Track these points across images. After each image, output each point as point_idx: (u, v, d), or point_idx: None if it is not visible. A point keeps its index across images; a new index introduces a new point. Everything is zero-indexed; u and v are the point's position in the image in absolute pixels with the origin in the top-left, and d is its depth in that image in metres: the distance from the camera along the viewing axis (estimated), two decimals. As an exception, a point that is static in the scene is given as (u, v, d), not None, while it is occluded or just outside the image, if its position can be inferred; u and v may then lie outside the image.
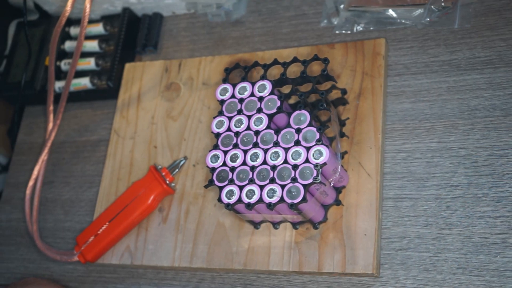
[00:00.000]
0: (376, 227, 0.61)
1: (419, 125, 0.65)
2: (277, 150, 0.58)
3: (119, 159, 0.75)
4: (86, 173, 0.79)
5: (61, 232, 0.77)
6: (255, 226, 0.65)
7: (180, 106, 0.75)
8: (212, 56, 0.76)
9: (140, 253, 0.69)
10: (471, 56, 0.65)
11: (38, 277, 0.75)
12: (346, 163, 0.64)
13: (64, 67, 0.83)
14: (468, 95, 0.64)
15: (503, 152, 0.61)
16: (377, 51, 0.68)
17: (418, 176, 0.63)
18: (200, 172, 0.71)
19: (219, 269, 0.66)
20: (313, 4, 0.76)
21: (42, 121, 0.86)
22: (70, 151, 0.81)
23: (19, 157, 0.85)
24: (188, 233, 0.68)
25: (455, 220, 0.60)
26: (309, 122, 0.58)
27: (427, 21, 0.68)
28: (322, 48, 0.70)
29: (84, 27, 0.66)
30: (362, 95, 0.67)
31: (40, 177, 0.75)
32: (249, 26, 0.79)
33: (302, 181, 0.56)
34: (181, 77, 0.77)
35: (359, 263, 0.60)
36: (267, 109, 0.61)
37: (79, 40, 0.68)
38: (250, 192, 0.58)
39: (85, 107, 0.84)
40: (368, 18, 0.71)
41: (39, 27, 0.87)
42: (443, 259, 0.59)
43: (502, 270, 0.57)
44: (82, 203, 0.77)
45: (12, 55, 0.87)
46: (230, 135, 0.61)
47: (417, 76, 0.67)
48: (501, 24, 0.66)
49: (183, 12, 0.84)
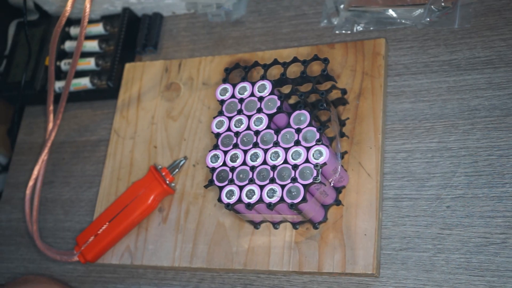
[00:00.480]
0: (376, 227, 0.61)
1: (419, 125, 0.65)
2: (277, 150, 0.58)
3: (119, 159, 0.75)
4: (86, 173, 0.79)
5: (61, 232, 0.77)
6: (255, 226, 0.65)
7: (180, 106, 0.75)
8: (212, 56, 0.76)
9: (140, 253, 0.69)
10: (471, 56, 0.65)
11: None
12: (346, 163, 0.64)
13: (64, 67, 0.83)
14: (468, 95, 0.64)
15: (503, 152, 0.61)
16: (377, 51, 0.68)
17: (418, 176, 0.63)
18: (200, 172, 0.71)
19: (219, 269, 0.66)
20: (313, 4, 0.76)
21: (42, 121, 0.86)
22: (70, 151, 0.81)
23: (19, 157, 0.85)
24: (188, 233, 0.68)
25: (455, 220, 0.60)
26: (309, 122, 0.58)
27: (427, 21, 0.68)
28: (322, 48, 0.70)
29: (84, 27, 0.66)
30: (362, 95, 0.67)
31: (40, 177, 0.75)
32: (249, 26, 0.79)
33: (302, 181, 0.56)
34: (181, 77, 0.77)
35: (359, 263, 0.60)
36: (267, 109, 0.61)
37: (79, 40, 0.68)
38: (250, 192, 0.58)
39: (85, 107, 0.84)
40: (368, 18, 0.71)
41: (39, 27, 0.87)
42: (443, 259, 0.59)
43: (502, 270, 0.57)
44: (82, 203, 0.77)
45: (12, 55, 0.87)
46: (230, 135, 0.61)
47: (417, 76, 0.67)
48: (501, 24, 0.66)
49: (183, 12, 0.84)
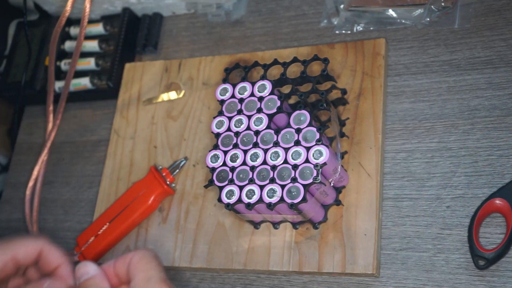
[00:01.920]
0: (376, 227, 0.61)
1: (419, 125, 0.65)
2: (277, 150, 0.58)
3: (119, 159, 0.75)
4: (86, 173, 0.79)
5: (61, 232, 0.77)
6: (255, 226, 0.65)
7: (180, 106, 0.75)
8: (212, 56, 0.76)
9: (140, 253, 0.69)
10: (471, 56, 0.65)
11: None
12: (346, 163, 0.64)
13: (64, 67, 0.83)
14: (468, 95, 0.64)
15: (503, 152, 0.61)
16: (377, 51, 0.68)
17: (418, 176, 0.63)
18: (200, 172, 0.71)
19: (219, 269, 0.66)
20: (313, 4, 0.76)
21: (42, 121, 0.86)
22: (70, 151, 0.81)
23: (19, 157, 0.85)
24: (188, 233, 0.68)
25: (455, 220, 0.60)
26: (309, 122, 0.58)
27: (427, 21, 0.68)
28: (322, 48, 0.70)
29: (84, 27, 0.66)
30: (362, 95, 0.67)
31: (40, 177, 0.75)
32: (249, 26, 0.79)
33: (302, 181, 0.56)
34: (181, 77, 0.77)
35: (359, 263, 0.60)
36: (267, 109, 0.61)
37: (79, 40, 0.68)
38: (250, 192, 0.58)
39: (85, 107, 0.84)
40: (368, 18, 0.71)
41: (39, 27, 0.87)
42: (443, 259, 0.59)
43: (502, 270, 0.57)
44: (82, 203, 0.77)
45: (12, 55, 0.87)
46: (230, 135, 0.61)
47: (417, 76, 0.67)
48: (501, 24, 0.66)
49: (183, 12, 0.84)
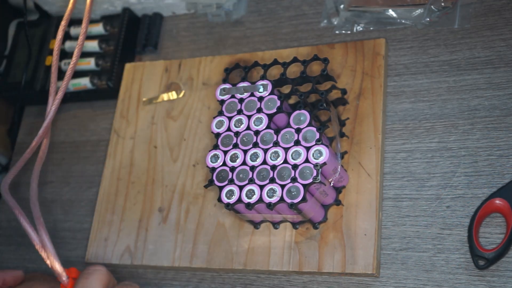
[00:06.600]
0: (376, 227, 0.61)
1: (419, 125, 0.65)
2: (277, 150, 0.58)
3: (119, 159, 0.75)
4: (86, 173, 0.79)
5: (61, 232, 0.77)
6: (255, 226, 0.65)
7: (180, 106, 0.75)
8: (212, 56, 0.76)
9: (140, 253, 0.69)
10: (471, 56, 0.65)
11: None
12: (346, 163, 0.64)
13: (64, 67, 0.83)
14: (468, 95, 0.64)
15: (503, 152, 0.61)
16: (377, 51, 0.68)
17: (418, 176, 0.63)
18: (200, 172, 0.71)
19: (219, 269, 0.66)
20: (313, 4, 0.76)
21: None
22: (70, 151, 0.81)
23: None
24: (188, 233, 0.68)
25: (455, 220, 0.60)
26: (309, 122, 0.58)
27: (427, 21, 0.68)
28: (322, 48, 0.70)
29: (84, 27, 0.66)
30: (362, 95, 0.67)
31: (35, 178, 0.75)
32: (249, 26, 0.79)
33: (302, 181, 0.56)
34: (181, 77, 0.77)
35: (359, 263, 0.60)
36: (267, 109, 0.61)
37: (79, 40, 0.67)
38: (250, 192, 0.58)
39: (85, 107, 0.84)
40: (368, 18, 0.71)
41: (39, 27, 0.87)
42: (443, 259, 0.59)
43: (502, 270, 0.57)
44: (82, 203, 0.77)
45: (12, 55, 0.87)
46: (230, 135, 0.61)
47: (417, 76, 0.67)
48: (501, 24, 0.66)
49: (183, 12, 0.84)
